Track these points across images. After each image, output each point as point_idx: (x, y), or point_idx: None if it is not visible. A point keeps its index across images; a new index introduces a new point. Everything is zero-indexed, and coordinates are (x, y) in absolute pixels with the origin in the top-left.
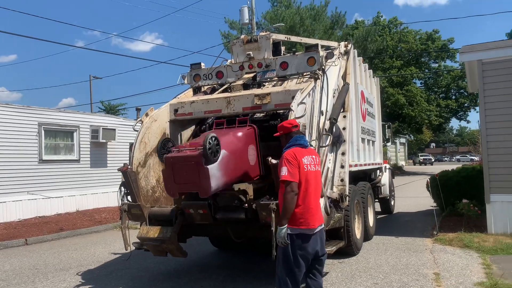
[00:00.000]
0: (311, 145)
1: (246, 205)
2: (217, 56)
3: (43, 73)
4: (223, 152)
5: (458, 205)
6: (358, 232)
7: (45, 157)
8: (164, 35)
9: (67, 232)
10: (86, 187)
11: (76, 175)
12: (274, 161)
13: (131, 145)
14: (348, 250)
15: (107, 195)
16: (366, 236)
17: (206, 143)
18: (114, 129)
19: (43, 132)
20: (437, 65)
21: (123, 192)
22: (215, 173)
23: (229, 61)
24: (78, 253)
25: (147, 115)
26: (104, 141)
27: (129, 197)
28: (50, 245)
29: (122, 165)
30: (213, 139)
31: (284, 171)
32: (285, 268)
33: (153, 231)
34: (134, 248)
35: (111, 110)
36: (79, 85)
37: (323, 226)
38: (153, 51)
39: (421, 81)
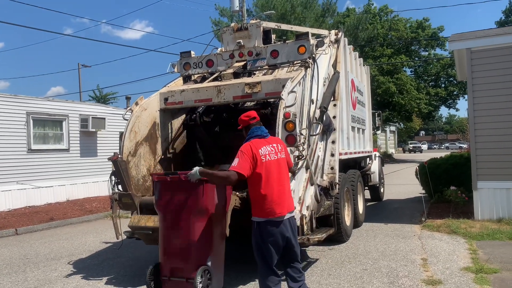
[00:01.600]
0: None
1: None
2: (207, 44)
3: (31, 62)
4: None
5: (446, 192)
6: (348, 219)
7: (34, 147)
8: (155, 23)
9: (57, 221)
10: (76, 176)
11: (65, 165)
12: None
13: (121, 134)
14: (338, 237)
15: (98, 184)
16: (356, 223)
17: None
18: (104, 118)
19: (31, 121)
20: (427, 53)
21: (113, 181)
22: None
23: (219, 49)
24: (69, 242)
25: (137, 104)
26: (94, 130)
27: (119, 186)
28: (41, 235)
29: (112, 154)
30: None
31: (234, 162)
32: (259, 257)
33: (145, 220)
34: (125, 237)
35: (101, 98)
36: (68, 74)
37: (293, 213)
38: (143, 39)
39: (411, 69)
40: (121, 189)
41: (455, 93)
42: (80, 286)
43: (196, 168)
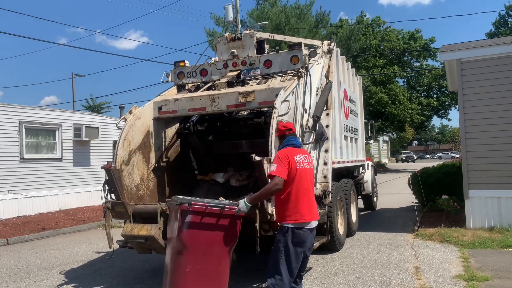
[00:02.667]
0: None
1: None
2: (201, 54)
3: (24, 71)
4: None
5: (438, 201)
6: (341, 228)
7: (26, 156)
8: (149, 33)
9: (49, 231)
10: (68, 186)
11: (58, 174)
12: (258, 158)
13: (115, 142)
14: (331, 246)
15: (90, 194)
16: (349, 232)
17: None
18: (97, 127)
19: (24, 130)
20: (419, 64)
21: (106, 190)
22: None
23: (213, 59)
24: (61, 252)
25: (130, 112)
26: (87, 139)
27: (112, 195)
28: (32, 245)
29: (106, 163)
30: None
31: (273, 167)
32: (283, 263)
33: (138, 229)
34: (118, 246)
35: (95, 108)
36: (62, 83)
37: (317, 223)
38: (138, 49)
39: (403, 79)
40: (114, 198)
41: (447, 103)
42: None
43: (242, 201)
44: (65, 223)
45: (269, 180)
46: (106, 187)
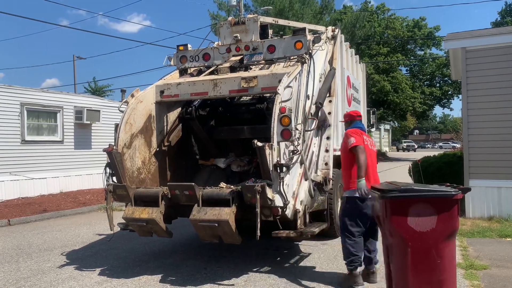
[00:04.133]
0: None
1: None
2: (203, 38)
3: (26, 52)
4: None
5: None
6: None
7: (28, 138)
8: (152, 17)
9: (50, 213)
10: (70, 168)
11: (59, 156)
12: (260, 144)
13: (117, 125)
14: (331, 232)
15: (91, 177)
16: None
17: None
18: (99, 111)
19: (25, 112)
20: (422, 52)
21: (108, 173)
22: None
23: (216, 43)
24: (62, 234)
25: (132, 96)
26: (89, 122)
27: (114, 178)
28: (34, 226)
29: (108, 146)
30: None
31: (352, 140)
32: (356, 223)
33: (139, 212)
34: (119, 229)
35: (96, 91)
36: (63, 65)
37: None
38: (140, 32)
39: (406, 68)
40: (115, 181)
41: (449, 92)
42: (73, 277)
43: (361, 182)
44: (66, 205)
45: (356, 152)
46: (108, 170)
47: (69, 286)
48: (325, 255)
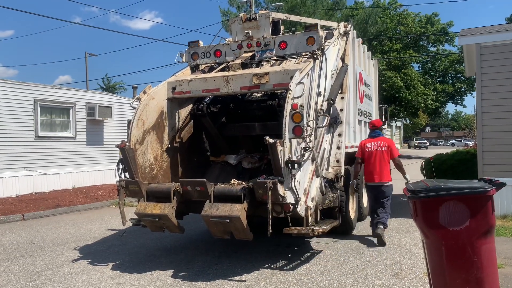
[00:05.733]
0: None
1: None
2: (215, 35)
3: (39, 49)
4: None
5: None
6: (352, 212)
7: (41, 134)
8: (164, 13)
9: (63, 208)
10: (82, 164)
11: (72, 152)
12: (271, 141)
13: (129, 122)
14: (342, 229)
15: (103, 172)
16: (360, 216)
17: None
18: (111, 107)
19: (39, 108)
20: (435, 49)
21: (120, 169)
22: None
23: (227, 39)
24: (75, 228)
25: (145, 92)
26: (101, 118)
27: (126, 174)
28: (47, 221)
29: (120, 142)
30: None
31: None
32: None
33: (151, 207)
34: (131, 224)
35: (109, 88)
36: (76, 62)
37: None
38: (152, 29)
39: (419, 64)
40: (128, 177)
41: (462, 89)
42: (86, 271)
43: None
44: (79, 201)
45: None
46: (120, 165)
47: (82, 280)
48: (337, 252)
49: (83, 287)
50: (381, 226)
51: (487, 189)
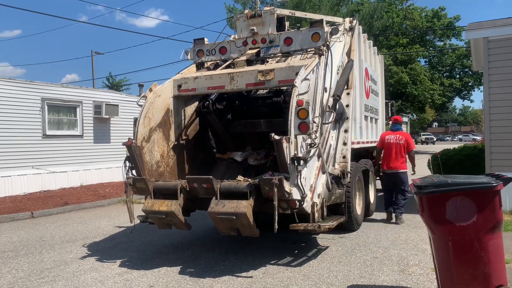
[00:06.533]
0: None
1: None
2: (220, 32)
3: (46, 48)
4: None
5: None
6: (358, 208)
7: (48, 132)
8: (169, 11)
9: (72, 206)
10: (89, 162)
11: (79, 150)
12: (277, 137)
13: (136, 120)
14: (348, 226)
15: (111, 170)
16: (367, 213)
17: None
18: (117, 105)
19: (46, 107)
20: (442, 43)
21: (127, 166)
22: None
23: (232, 36)
24: (83, 226)
25: (151, 90)
26: (107, 116)
27: (133, 171)
28: (56, 218)
29: (127, 140)
30: None
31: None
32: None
33: (158, 204)
34: (139, 221)
35: (114, 86)
36: (82, 61)
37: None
38: (158, 27)
39: (425, 59)
40: (135, 174)
41: (470, 84)
42: (94, 268)
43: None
44: (87, 198)
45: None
46: (127, 163)
47: (91, 277)
48: (343, 248)
49: (92, 284)
50: (400, 211)
51: (494, 184)
